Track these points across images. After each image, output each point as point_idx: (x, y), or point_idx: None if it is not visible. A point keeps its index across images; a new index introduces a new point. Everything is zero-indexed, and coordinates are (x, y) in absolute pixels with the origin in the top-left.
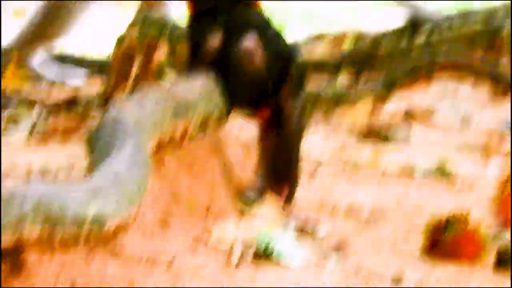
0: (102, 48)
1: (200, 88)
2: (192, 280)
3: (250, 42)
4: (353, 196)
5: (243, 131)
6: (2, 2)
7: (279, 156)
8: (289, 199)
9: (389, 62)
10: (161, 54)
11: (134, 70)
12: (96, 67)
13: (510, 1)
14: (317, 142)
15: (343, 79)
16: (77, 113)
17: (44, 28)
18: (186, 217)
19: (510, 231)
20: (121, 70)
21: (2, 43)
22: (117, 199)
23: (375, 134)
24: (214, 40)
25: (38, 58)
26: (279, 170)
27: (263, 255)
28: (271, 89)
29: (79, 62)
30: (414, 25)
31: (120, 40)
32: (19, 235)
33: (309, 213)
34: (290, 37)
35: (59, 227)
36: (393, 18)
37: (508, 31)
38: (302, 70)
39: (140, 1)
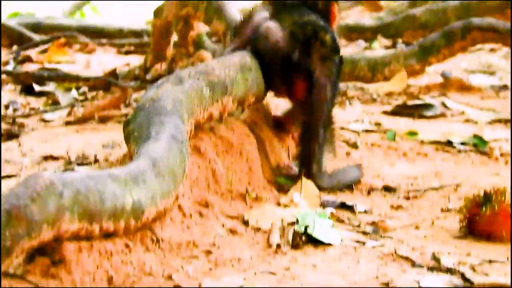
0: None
1: (238, 65)
2: (231, 265)
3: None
4: (390, 172)
5: (279, 109)
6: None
7: (308, 129)
8: (318, 174)
9: (425, 26)
10: (199, 25)
11: (173, 42)
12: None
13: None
14: (352, 115)
15: (379, 44)
16: (116, 90)
17: None
18: (225, 199)
19: None
20: (160, 43)
21: None
22: (156, 186)
23: (411, 106)
24: (255, 19)
25: None
26: (309, 145)
27: (302, 236)
28: (296, 61)
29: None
30: None
31: (158, 12)
32: (58, 229)
33: (347, 191)
34: None
35: (98, 219)
36: None
37: None
38: (334, 37)
39: None
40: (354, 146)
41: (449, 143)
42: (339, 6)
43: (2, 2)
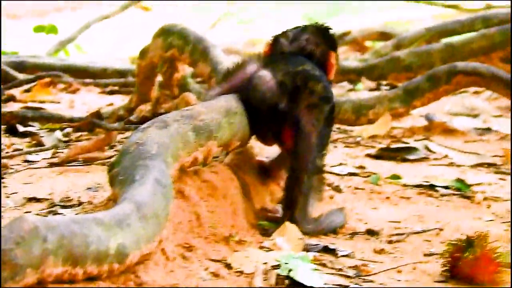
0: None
1: (224, 109)
2: None
3: (262, 71)
4: (373, 216)
5: (266, 154)
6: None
7: (293, 176)
8: (302, 221)
9: (410, 68)
10: (184, 67)
11: (157, 83)
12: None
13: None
14: (336, 158)
15: (363, 86)
16: (100, 132)
17: None
18: (209, 242)
19: None
20: (145, 84)
21: None
22: (140, 230)
23: (395, 149)
24: (248, 67)
25: None
26: (293, 191)
27: (285, 280)
28: (284, 110)
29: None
30: None
31: (144, 53)
32: (42, 272)
33: (330, 235)
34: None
35: (82, 262)
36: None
37: None
38: (327, 86)
39: None
40: (338, 189)
41: (432, 187)
42: (337, 55)
43: None
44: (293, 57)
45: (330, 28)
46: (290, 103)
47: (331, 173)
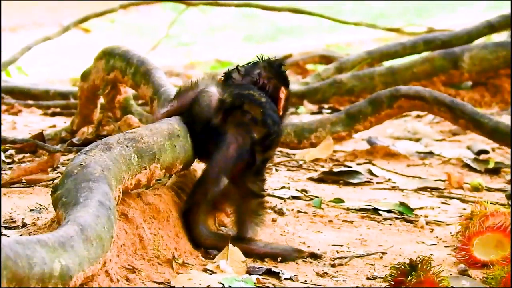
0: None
1: (167, 132)
2: None
3: (211, 87)
4: (316, 239)
5: None
6: None
7: (201, 181)
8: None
9: (352, 92)
10: (127, 89)
11: (100, 106)
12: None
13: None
14: (278, 182)
15: (305, 109)
16: (43, 153)
17: None
18: (152, 264)
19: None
20: (87, 106)
21: None
22: (84, 252)
23: (337, 173)
24: (199, 88)
25: None
26: (194, 197)
27: None
28: (215, 125)
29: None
30: None
31: (86, 75)
32: None
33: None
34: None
35: (26, 284)
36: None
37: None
38: (269, 115)
39: None
40: (280, 213)
41: (374, 210)
42: (287, 93)
43: None
44: (246, 85)
45: (282, 64)
46: (222, 120)
47: (273, 196)
